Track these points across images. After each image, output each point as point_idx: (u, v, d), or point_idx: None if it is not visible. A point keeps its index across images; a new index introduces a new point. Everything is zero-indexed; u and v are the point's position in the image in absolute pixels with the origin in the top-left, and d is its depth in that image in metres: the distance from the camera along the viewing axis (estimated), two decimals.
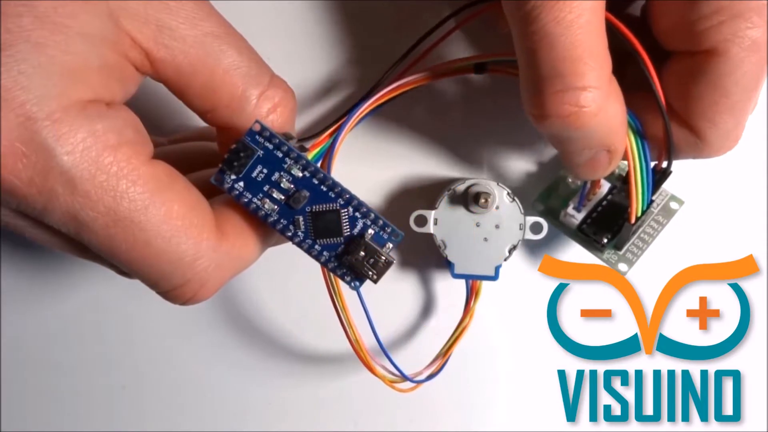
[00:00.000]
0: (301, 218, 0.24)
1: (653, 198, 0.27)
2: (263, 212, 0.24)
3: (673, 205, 0.30)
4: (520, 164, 0.32)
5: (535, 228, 0.29)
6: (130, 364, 0.34)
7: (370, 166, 0.32)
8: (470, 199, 0.29)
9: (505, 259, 0.30)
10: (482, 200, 0.29)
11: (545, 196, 0.31)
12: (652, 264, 0.30)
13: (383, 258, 0.25)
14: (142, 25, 0.21)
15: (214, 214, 0.24)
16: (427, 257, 0.33)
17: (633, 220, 0.27)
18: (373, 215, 0.25)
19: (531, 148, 0.32)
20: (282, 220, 0.24)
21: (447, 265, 0.30)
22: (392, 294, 0.33)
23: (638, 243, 0.29)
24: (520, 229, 0.29)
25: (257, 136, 0.23)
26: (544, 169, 0.32)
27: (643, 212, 0.27)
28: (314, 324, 0.33)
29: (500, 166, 0.33)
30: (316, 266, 0.27)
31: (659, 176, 0.27)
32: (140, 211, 0.21)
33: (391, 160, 0.32)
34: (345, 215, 0.24)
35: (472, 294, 0.30)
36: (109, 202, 0.20)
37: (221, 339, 0.34)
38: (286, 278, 0.33)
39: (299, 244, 0.25)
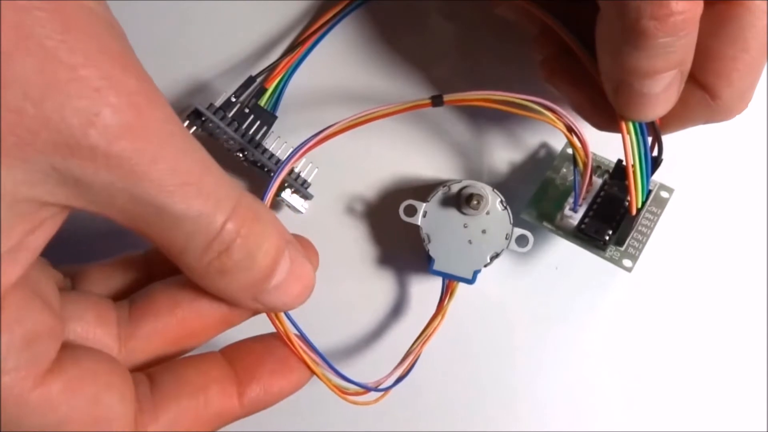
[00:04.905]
0: None
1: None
2: None
3: (664, 194, 0.29)
4: (521, 176, 0.31)
5: (521, 241, 0.29)
6: None
7: (370, 162, 0.32)
8: (463, 200, 0.29)
9: (485, 266, 0.29)
10: (474, 202, 0.29)
11: (536, 201, 0.30)
12: (654, 257, 0.30)
13: None
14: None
15: None
16: (408, 255, 0.32)
17: (634, 212, 0.26)
18: None
19: (538, 163, 0.31)
20: None
21: (427, 260, 0.29)
22: (368, 291, 0.32)
23: (637, 237, 0.28)
24: (506, 238, 0.29)
25: None
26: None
27: (644, 203, 0.26)
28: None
29: (500, 174, 0.32)
30: None
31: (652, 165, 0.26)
32: None
33: (390, 158, 0.32)
34: None
35: (446, 293, 0.29)
36: None
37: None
38: None
39: None
